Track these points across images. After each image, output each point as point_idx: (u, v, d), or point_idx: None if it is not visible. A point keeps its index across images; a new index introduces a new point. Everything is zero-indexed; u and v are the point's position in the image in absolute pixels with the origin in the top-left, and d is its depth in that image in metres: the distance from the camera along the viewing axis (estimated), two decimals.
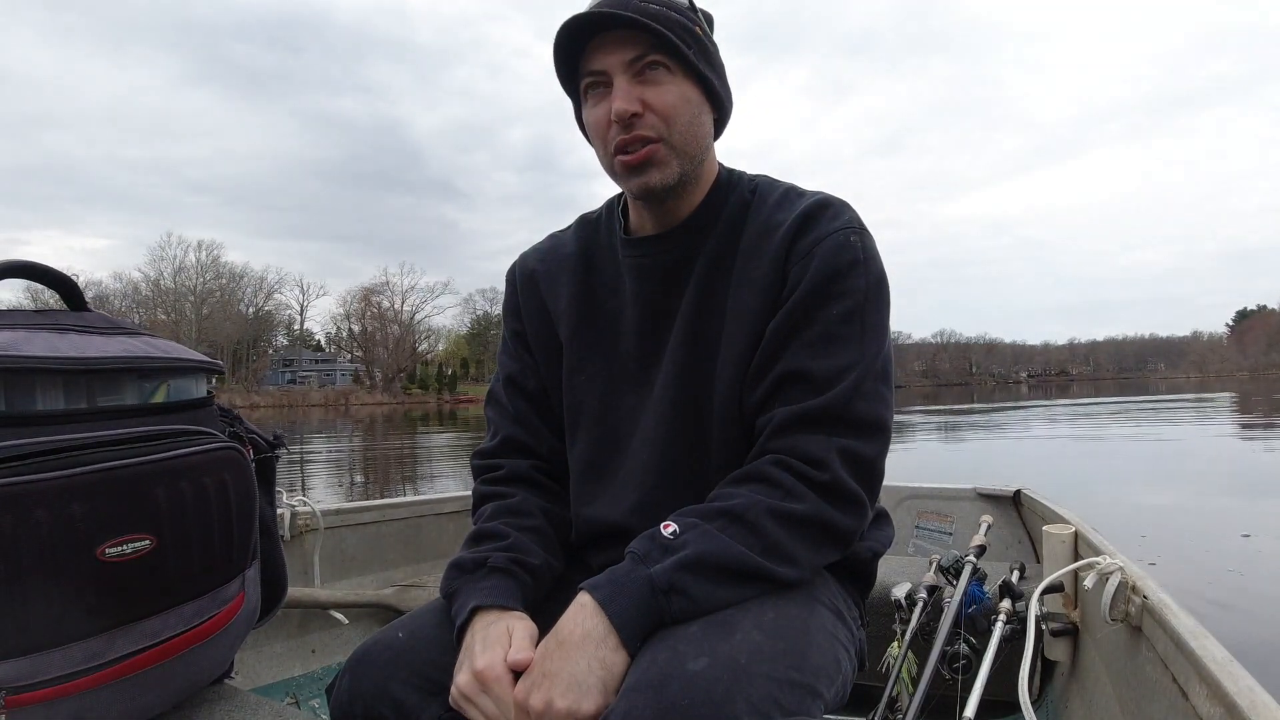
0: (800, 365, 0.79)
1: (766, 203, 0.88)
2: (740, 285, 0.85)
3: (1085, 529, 1.57)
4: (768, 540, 0.73)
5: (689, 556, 0.70)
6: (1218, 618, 3.10)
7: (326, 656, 2.00)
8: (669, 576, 0.69)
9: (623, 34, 0.80)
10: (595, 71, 0.82)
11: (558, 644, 0.68)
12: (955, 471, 8.58)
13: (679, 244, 0.90)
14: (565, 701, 0.64)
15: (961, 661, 1.31)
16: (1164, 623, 1.03)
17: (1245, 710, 0.76)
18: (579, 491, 0.96)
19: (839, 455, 0.77)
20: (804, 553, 0.75)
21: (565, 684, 0.65)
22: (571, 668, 0.66)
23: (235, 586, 0.82)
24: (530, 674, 0.68)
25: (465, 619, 0.76)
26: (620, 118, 0.80)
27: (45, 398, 0.73)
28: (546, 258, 1.01)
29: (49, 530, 0.64)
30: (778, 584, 0.74)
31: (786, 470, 0.76)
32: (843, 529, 0.77)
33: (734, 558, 0.71)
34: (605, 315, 0.94)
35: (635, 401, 0.92)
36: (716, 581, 0.71)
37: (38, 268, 0.84)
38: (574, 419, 0.96)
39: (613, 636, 0.67)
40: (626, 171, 0.83)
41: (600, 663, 0.66)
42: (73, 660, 0.67)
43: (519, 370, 1.01)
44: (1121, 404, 25.69)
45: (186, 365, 0.86)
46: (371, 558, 2.20)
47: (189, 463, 0.74)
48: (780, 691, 0.64)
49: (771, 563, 0.73)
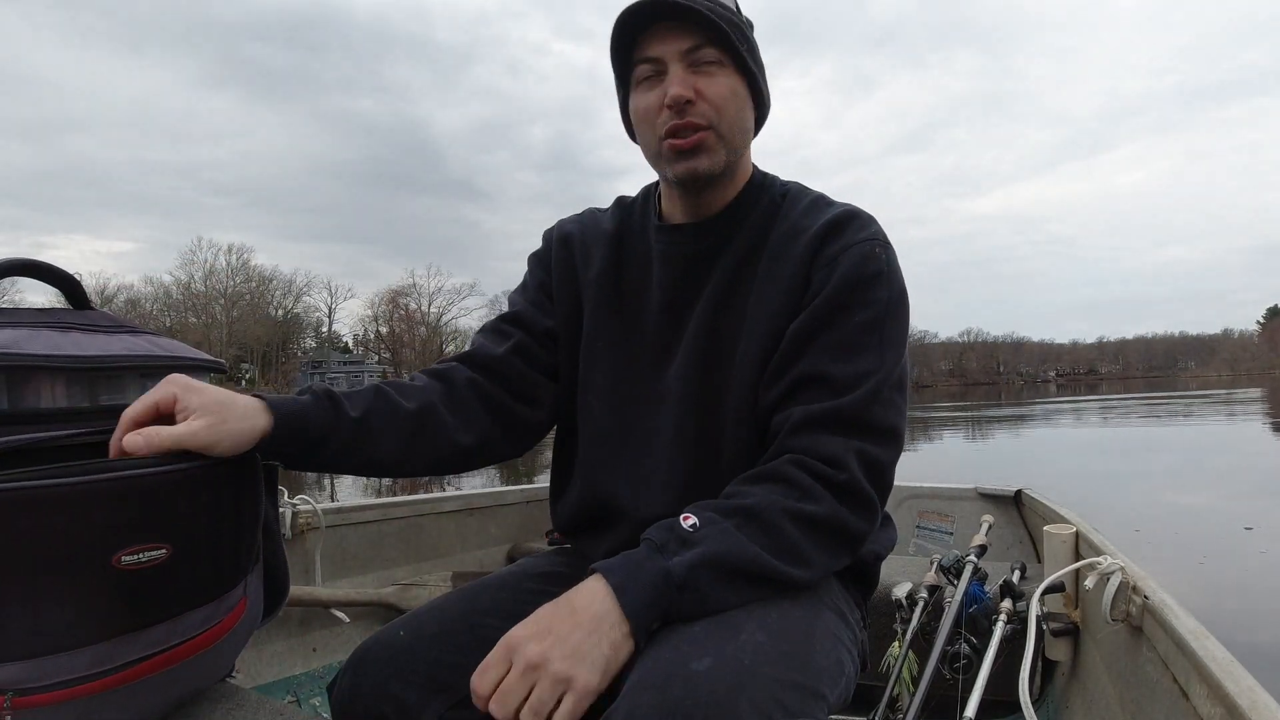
0: (821, 368, 0.80)
1: (796, 207, 0.90)
2: (764, 284, 0.87)
3: (1086, 529, 1.57)
4: (784, 542, 0.74)
5: (707, 554, 0.70)
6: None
7: (327, 655, 2.00)
8: (685, 573, 0.69)
9: (680, 24, 0.83)
10: (651, 59, 0.85)
11: (570, 610, 0.68)
12: (976, 470, 8.57)
13: (708, 236, 0.92)
14: (564, 665, 0.64)
15: (962, 661, 1.31)
16: (1165, 623, 1.03)
17: (1246, 711, 0.76)
18: (588, 465, 0.96)
19: (857, 457, 0.77)
20: (818, 555, 0.76)
21: (570, 649, 0.65)
22: (580, 637, 0.65)
23: (240, 590, 0.82)
24: (532, 624, 0.67)
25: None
26: (676, 102, 0.83)
27: (47, 396, 0.73)
28: (584, 226, 1.03)
29: (67, 535, 0.64)
30: (789, 586, 0.74)
31: (804, 470, 0.77)
32: (855, 532, 0.78)
33: (749, 559, 0.72)
34: (629, 295, 0.96)
35: (646, 389, 0.93)
36: (729, 582, 0.71)
37: (40, 265, 0.84)
38: (586, 385, 0.97)
39: (625, 625, 0.67)
40: (675, 155, 0.86)
41: (610, 644, 0.66)
42: (79, 665, 0.67)
43: (529, 310, 1.01)
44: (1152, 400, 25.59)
45: (189, 363, 0.86)
46: (372, 557, 2.21)
47: (208, 471, 0.74)
48: (784, 693, 0.64)
49: (786, 565, 0.73)
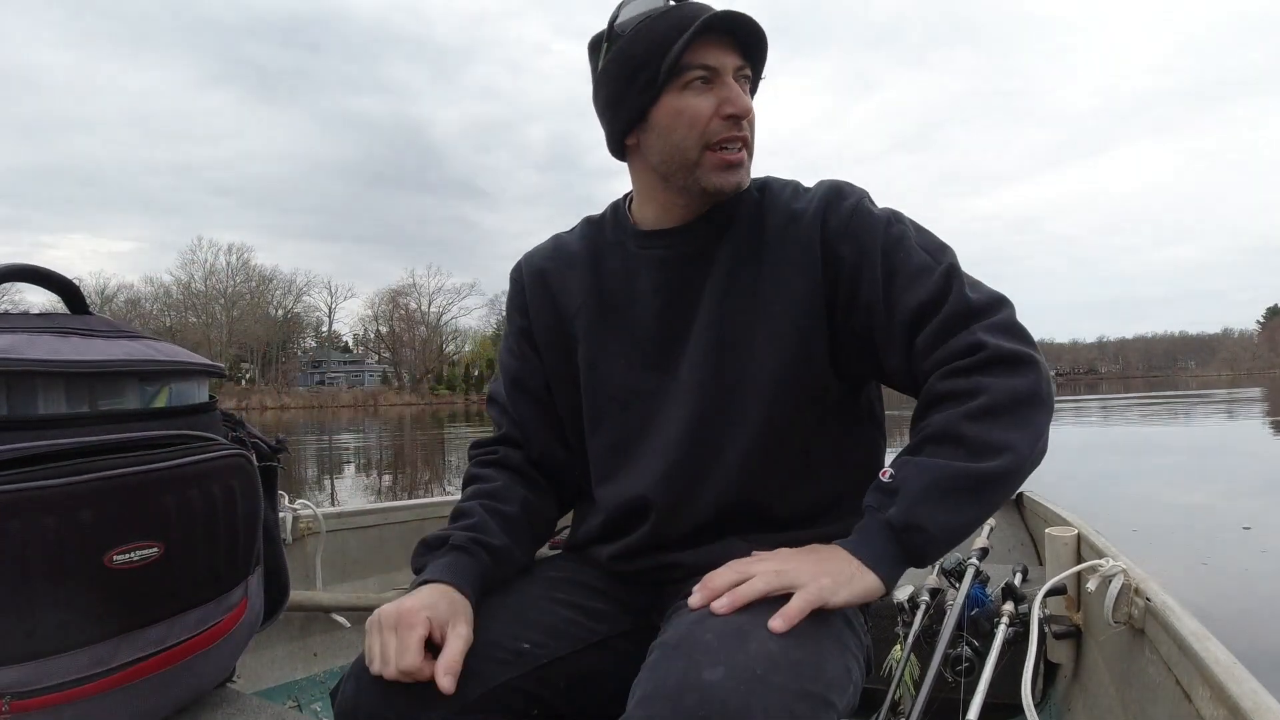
0: (910, 302, 0.83)
1: (781, 197, 0.92)
2: (774, 269, 0.89)
3: (1088, 531, 1.57)
4: (973, 444, 0.76)
5: (910, 491, 0.75)
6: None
7: (328, 660, 2.00)
8: (903, 516, 0.75)
9: (733, 39, 0.86)
10: (709, 67, 0.85)
11: (816, 556, 0.76)
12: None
13: (700, 235, 0.93)
14: (806, 575, 0.72)
15: (964, 664, 1.31)
16: (1167, 625, 1.03)
17: (1249, 713, 0.76)
18: (602, 472, 0.98)
19: (986, 333, 0.80)
20: (1013, 434, 0.77)
21: (815, 563, 0.74)
22: (822, 560, 0.75)
23: (239, 593, 0.82)
24: (768, 558, 0.76)
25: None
26: (744, 115, 0.86)
27: (47, 401, 0.73)
28: (554, 255, 1.02)
29: (57, 536, 0.64)
30: (1002, 480, 0.77)
31: (953, 375, 0.80)
32: (1028, 388, 0.79)
33: (951, 475, 0.75)
34: (619, 308, 0.96)
35: (656, 385, 0.94)
36: (945, 503, 0.75)
37: (39, 271, 0.84)
38: (597, 411, 0.98)
39: (870, 574, 0.74)
40: (724, 168, 0.87)
41: (855, 571, 0.74)
42: (78, 666, 0.67)
43: (522, 370, 1.02)
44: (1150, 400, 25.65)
45: (187, 368, 0.86)
46: (373, 561, 2.20)
47: (198, 470, 0.74)
48: (796, 703, 0.64)
49: (987, 461, 0.75)
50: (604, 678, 0.86)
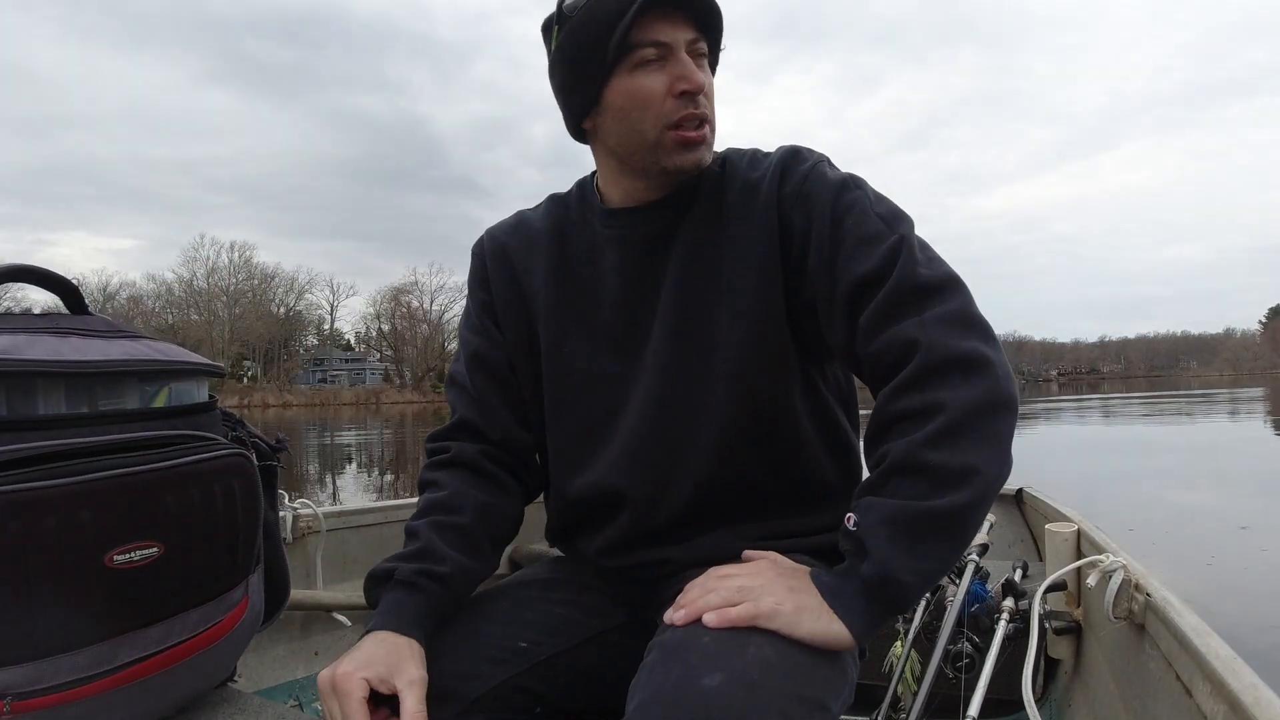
0: (854, 271, 0.78)
1: (739, 167, 0.90)
2: (735, 245, 0.86)
3: (1088, 527, 1.57)
4: (937, 474, 0.69)
5: (879, 543, 0.69)
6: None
7: (330, 659, 1.99)
8: (877, 571, 0.69)
9: (684, 13, 0.82)
10: (660, 43, 0.82)
11: (791, 571, 0.75)
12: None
13: (661, 215, 0.90)
14: (769, 595, 0.70)
15: (965, 660, 1.31)
16: (1167, 620, 1.03)
17: (1249, 708, 0.76)
18: (568, 461, 0.95)
19: (935, 327, 0.73)
20: (976, 451, 0.70)
21: (786, 589, 0.71)
22: (795, 590, 0.71)
23: (240, 592, 0.82)
24: (738, 573, 0.74)
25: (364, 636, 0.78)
26: (700, 89, 0.82)
27: (47, 402, 0.73)
28: (517, 231, 1.00)
29: (57, 537, 0.64)
30: (973, 509, 0.70)
31: (904, 392, 0.73)
32: (984, 391, 0.71)
33: (918, 517, 0.69)
34: (582, 288, 0.94)
35: (620, 369, 0.91)
36: (917, 553, 0.69)
37: (38, 271, 0.84)
38: (559, 394, 0.95)
39: (836, 618, 0.70)
40: (684, 147, 0.84)
41: (824, 614, 0.70)
42: (78, 666, 0.67)
43: (484, 345, 0.99)
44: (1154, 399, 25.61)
45: (187, 368, 0.86)
46: (374, 559, 2.18)
47: (198, 469, 0.74)
48: (793, 708, 0.64)
49: (953, 494, 0.69)
50: (604, 672, 0.86)
